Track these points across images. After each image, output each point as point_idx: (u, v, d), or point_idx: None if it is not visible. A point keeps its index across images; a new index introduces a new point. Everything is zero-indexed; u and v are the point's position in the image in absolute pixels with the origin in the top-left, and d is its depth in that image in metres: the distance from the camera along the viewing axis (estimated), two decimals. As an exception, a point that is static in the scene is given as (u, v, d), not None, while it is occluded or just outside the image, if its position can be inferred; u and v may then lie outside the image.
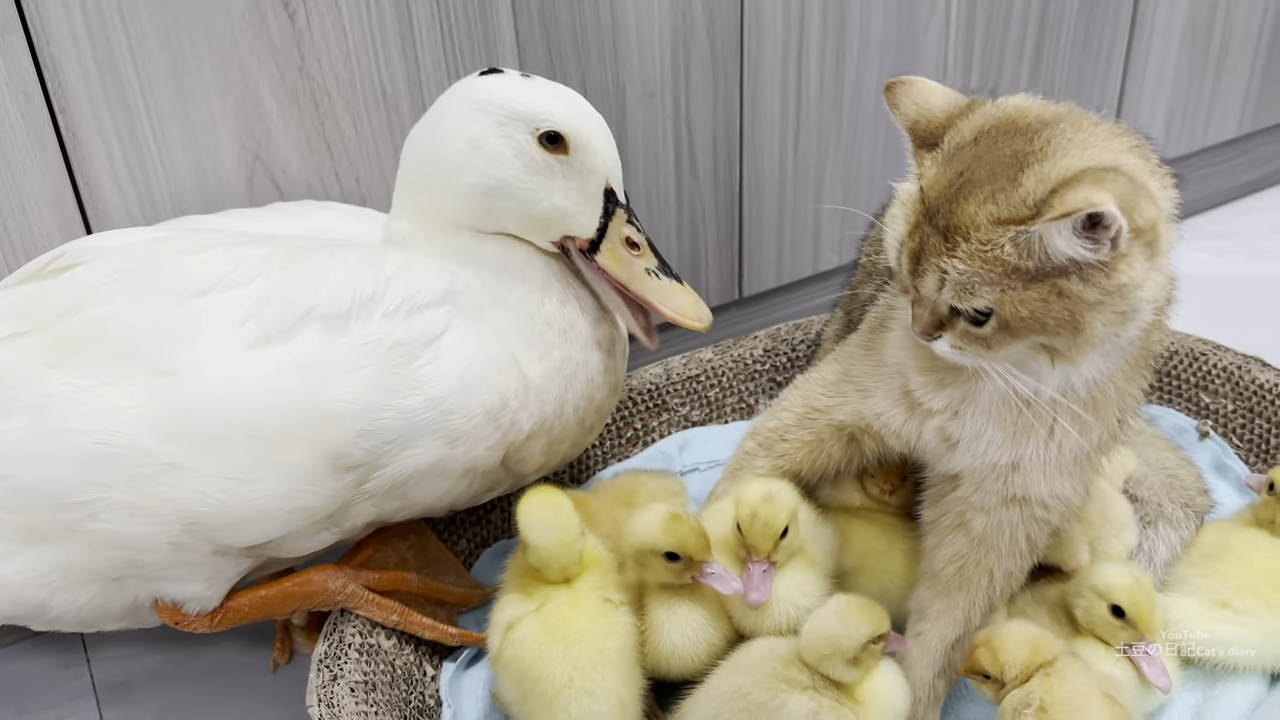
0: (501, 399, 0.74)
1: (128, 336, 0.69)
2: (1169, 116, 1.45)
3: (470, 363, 0.73)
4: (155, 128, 0.85)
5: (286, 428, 0.69)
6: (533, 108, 0.73)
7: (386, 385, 0.70)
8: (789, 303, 1.29)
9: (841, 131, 1.18)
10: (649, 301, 0.77)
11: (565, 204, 0.74)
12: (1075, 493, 0.72)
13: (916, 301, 0.64)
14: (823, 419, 0.78)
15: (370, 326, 0.70)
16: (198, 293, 0.70)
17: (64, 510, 0.69)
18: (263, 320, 0.69)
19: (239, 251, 0.72)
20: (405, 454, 0.72)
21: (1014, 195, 0.59)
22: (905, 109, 0.64)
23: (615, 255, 0.76)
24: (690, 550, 0.73)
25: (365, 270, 0.72)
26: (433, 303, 0.72)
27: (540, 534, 0.73)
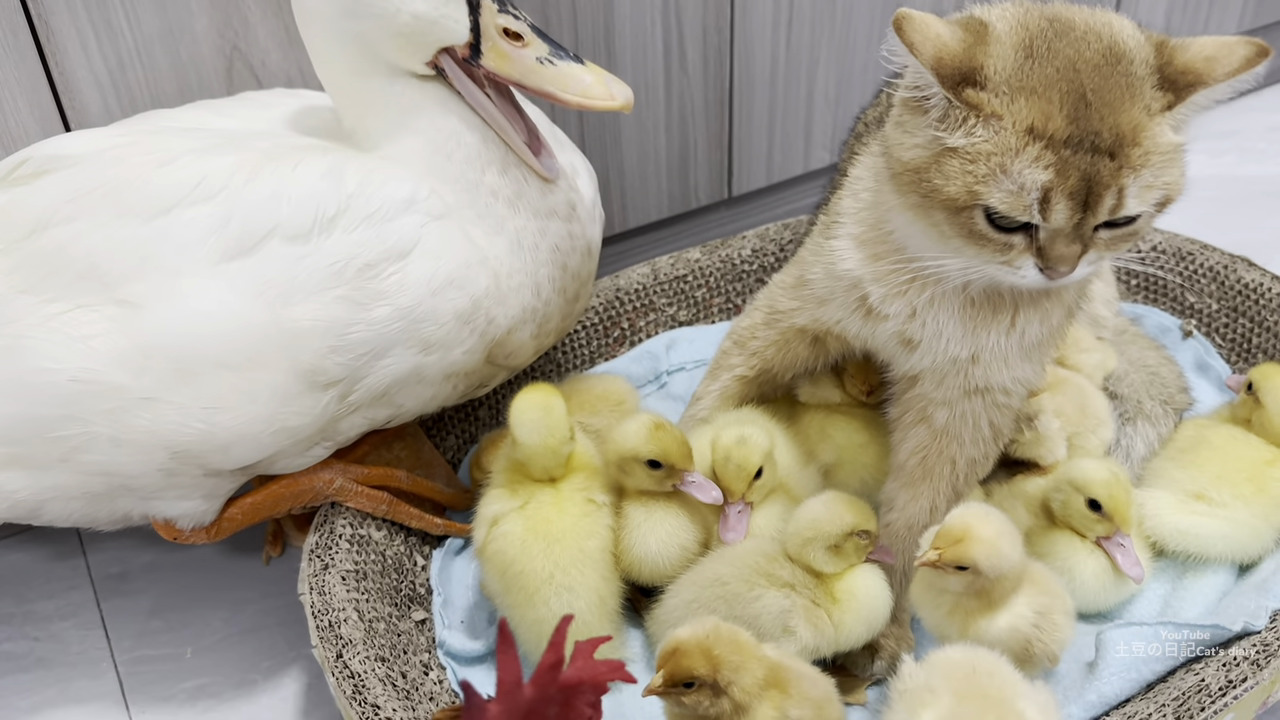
0: (473, 301, 0.73)
1: (93, 259, 0.68)
2: (1169, 10, 1.42)
3: (437, 268, 0.71)
4: (130, 17, 0.83)
5: (254, 353, 0.68)
6: None
7: (353, 299, 0.69)
8: (780, 202, 1.28)
9: (835, 22, 1.16)
10: (549, 93, 0.70)
11: (424, 9, 0.68)
12: (1036, 374, 0.73)
13: (1059, 240, 0.59)
14: (785, 321, 0.78)
15: (332, 243, 0.69)
16: (162, 210, 0.68)
17: (50, 444, 0.69)
18: (226, 238, 0.68)
19: (204, 163, 0.70)
20: (380, 365, 0.71)
21: (1145, 84, 0.58)
22: (923, 49, 0.58)
23: (499, 52, 0.69)
24: (672, 459, 0.75)
25: (327, 186, 0.70)
26: (395, 213, 0.70)
27: (528, 433, 0.73)
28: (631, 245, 1.20)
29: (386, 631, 0.75)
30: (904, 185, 0.62)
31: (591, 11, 1.01)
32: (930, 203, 0.61)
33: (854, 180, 0.72)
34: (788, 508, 0.77)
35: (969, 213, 0.59)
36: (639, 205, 1.16)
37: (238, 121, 0.78)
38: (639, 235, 1.20)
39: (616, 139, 1.10)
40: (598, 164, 1.10)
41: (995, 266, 0.61)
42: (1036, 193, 0.57)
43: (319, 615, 0.73)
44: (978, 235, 0.60)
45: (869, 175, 0.71)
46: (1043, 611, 0.69)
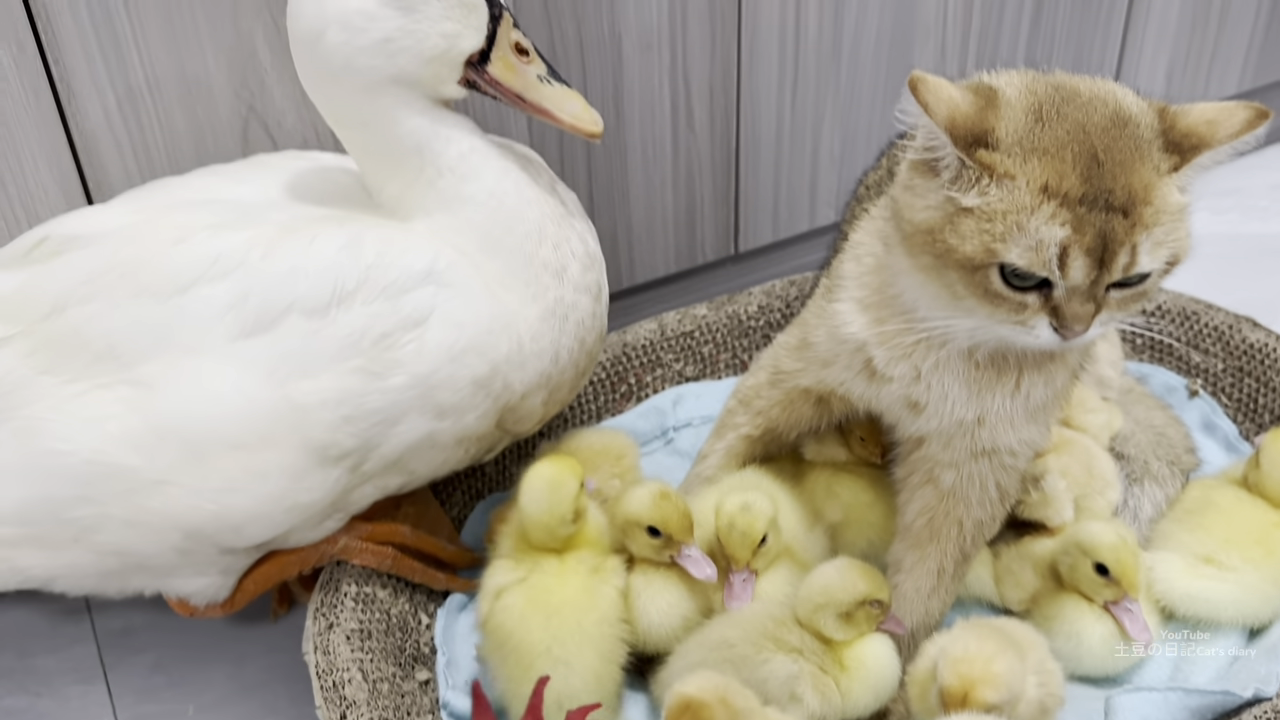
0: (492, 366, 0.73)
1: (110, 339, 0.69)
2: (1170, 71, 1.44)
3: (460, 335, 0.71)
4: (149, 78, 0.85)
5: (265, 433, 0.69)
6: None
7: (368, 369, 0.69)
8: (786, 258, 1.29)
9: (840, 83, 1.18)
10: (546, 110, 0.73)
11: (451, 26, 0.70)
12: (1041, 436, 0.74)
13: (1074, 298, 0.60)
14: (790, 381, 0.79)
15: (351, 315, 0.69)
16: (179, 289, 0.69)
17: (64, 525, 0.70)
18: (244, 315, 0.68)
19: (219, 240, 0.70)
20: (394, 431, 0.72)
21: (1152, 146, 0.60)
22: (937, 110, 0.59)
23: (507, 64, 0.72)
24: (671, 529, 0.75)
25: (345, 258, 0.69)
26: (414, 285, 0.70)
27: (533, 505, 0.74)
28: (638, 300, 1.21)
29: (390, 693, 0.74)
30: (916, 246, 0.63)
31: (601, 71, 1.03)
32: (945, 263, 0.61)
33: (856, 244, 0.73)
34: (794, 572, 0.77)
35: (985, 271, 0.60)
36: (646, 261, 1.17)
37: (251, 189, 0.79)
38: (645, 291, 1.21)
39: (624, 195, 1.11)
40: (605, 220, 1.11)
41: (1009, 327, 0.62)
42: (1055, 249, 0.58)
43: (323, 676, 0.73)
44: (993, 294, 0.61)
45: (871, 239, 0.71)
46: (1039, 669, 0.69)
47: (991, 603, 0.83)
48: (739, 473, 0.83)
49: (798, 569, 0.77)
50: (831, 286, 0.74)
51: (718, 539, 0.76)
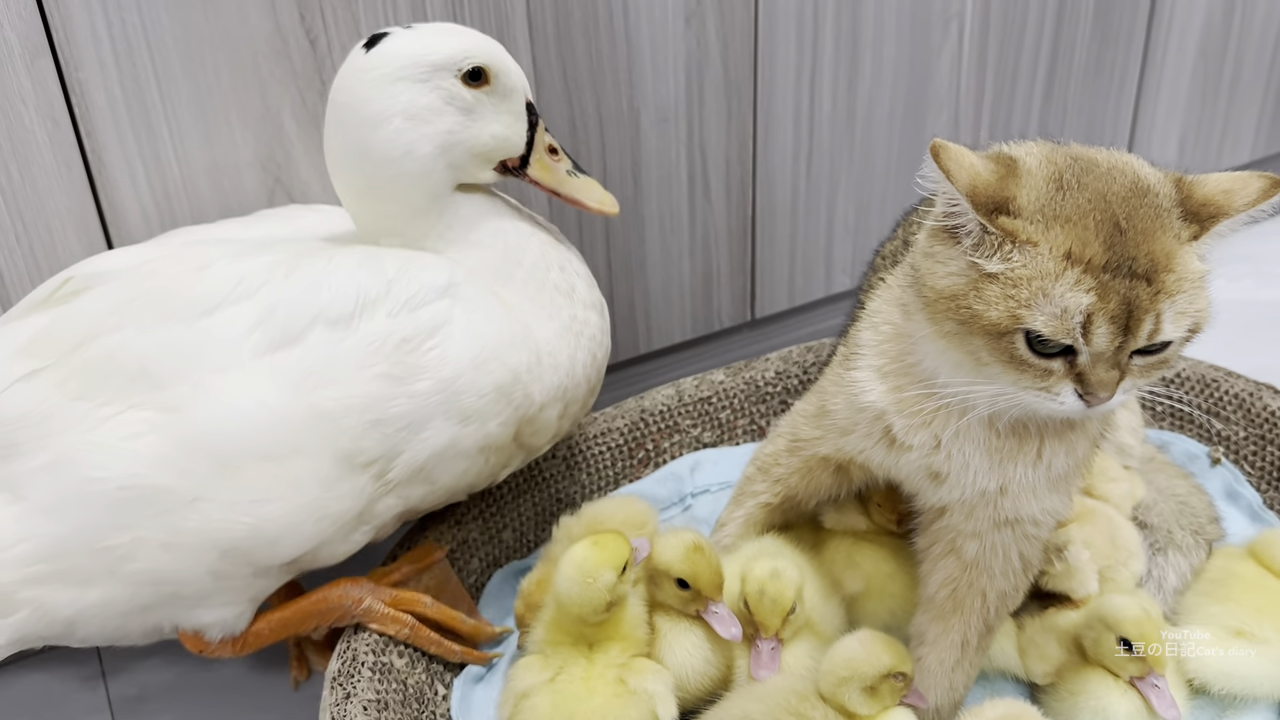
0: (514, 374, 0.75)
1: (142, 361, 0.70)
2: (1182, 141, 1.45)
3: (482, 343, 0.74)
4: (178, 151, 0.87)
5: (294, 442, 0.70)
6: (446, 53, 0.74)
7: (393, 375, 0.71)
8: (801, 324, 1.30)
9: (854, 155, 1.19)
10: (577, 200, 0.81)
11: (500, 129, 0.77)
12: (1064, 505, 0.73)
13: (1099, 365, 0.60)
14: (808, 449, 0.79)
15: (375, 324, 0.71)
16: (206, 311, 0.71)
17: (98, 555, 0.70)
18: (270, 329, 0.70)
19: (242, 264, 0.72)
20: (419, 438, 0.73)
21: (1171, 215, 0.60)
22: (958, 176, 0.60)
23: (543, 165, 0.80)
24: (700, 583, 0.74)
25: (367, 273, 0.73)
26: (435, 296, 0.73)
27: (568, 589, 0.73)
28: (655, 366, 1.22)
29: (406, 765, 0.73)
30: (939, 313, 0.63)
31: (620, 144, 1.05)
32: (969, 329, 0.61)
33: (873, 313, 0.73)
34: (814, 644, 0.76)
35: (1010, 338, 0.60)
36: (663, 327, 1.18)
37: (262, 231, 0.82)
38: (662, 356, 1.22)
39: (642, 264, 1.13)
40: (624, 287, 1.13)
41: (1033, 394, 0.62)
42: (1080, 316, 0.58)
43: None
44: (1018, 361, 0.60)
45: (890, 307, 0.72)
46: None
47: (1016, 676, 0.81)
48: (758, 540, 0.82)
49: (818, 641, 0.76)
50: (849, 354, 0.74)
51: (744, 605, 0.75)
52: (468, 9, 0.93)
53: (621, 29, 1.00)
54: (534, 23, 0.96)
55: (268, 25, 0.85)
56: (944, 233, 0.63)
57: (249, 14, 0.84)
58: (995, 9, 1.20)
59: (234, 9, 0.84)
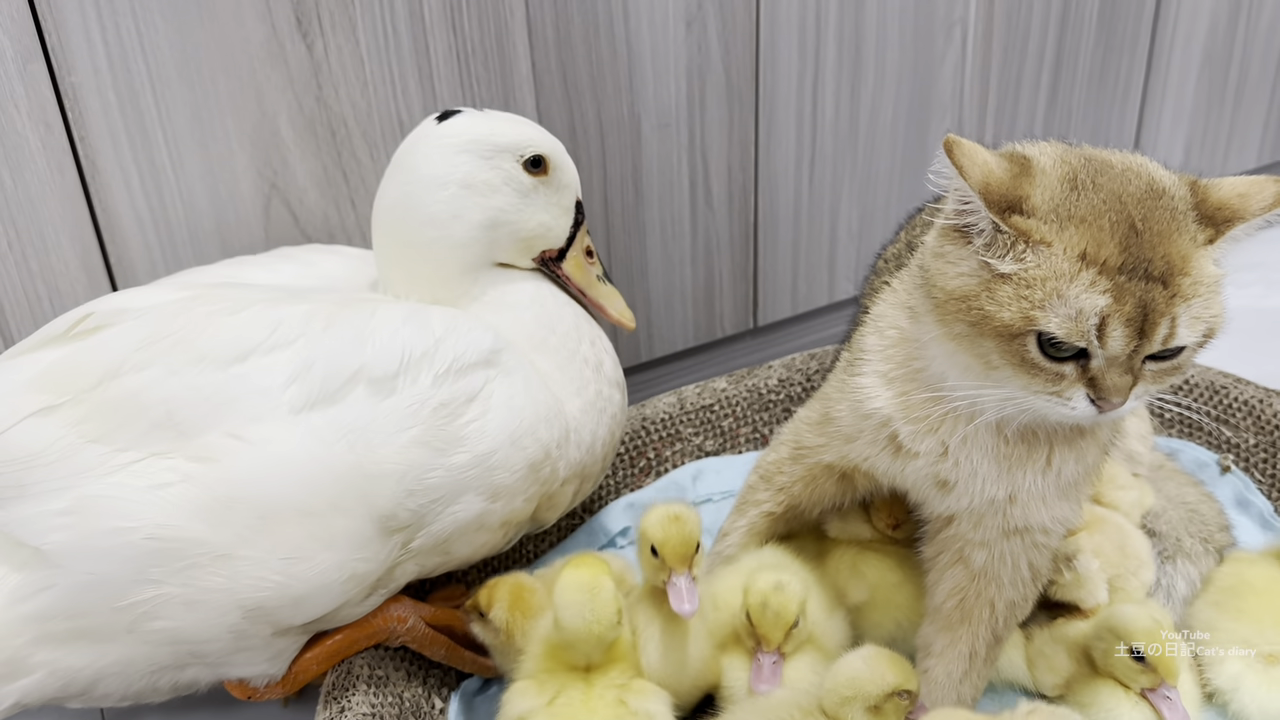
0: (545, 451, 0.75)
1: (169, 406, 0.66)
2: (1188, 147, 1.44)
3: (520, 419, 0.73)
4: (173, 156, 0.86)
5: (335, 499, 0.67)
6: (513, 137, 0.77)
7: (433, 444, 0.69)
8: (804, 332, 1.28)
9: (857, 161, 1.18)
10: (601, 306, 0.84)
11: (548, 219, 0.80)
12: (1074, 513, 0.72)
13: (1112, 369, 0.58)
14: (812, 457, 0.78)
15: (418, 388, 0.69)
16: (239, 357, 0.67)
17: (119, 613, 0.66)
18: (309, 384, 0.67)
19: (278, 311, 0.70)
20: (449, 510, 0.71)
21: (1187, 218, 0.59)
22: (971, 173, 0.58)
23: (579, 264, 0.83)
24: (666, 552, 0.73)
25: (413, 329, 0.71)
26: (480, 361, 0.72)
27: (572, 616, 0.70)
28: (657, 374, 1.20)
29: (402, 779, 0.72)
30: (950, 314, 0.61)
31: (620, 150, 1.04)
32: (980, 331, 0.60)
33: (878, 317, 0.72)
34: (816, 658, 0.74)
35: (1022, 340, 0.59)
36: (665, 335, 1.17)
37: (286, 276, 0.81)
38: (664, 364, 1.20)
39: (643, 271, 1.12)
40: (625, 294, 1.11)
41: (1045, 398, 0.60)
42: (1094, 318, 0.57)
43: (333, 761, 0.70)
44: (1029, 364, 0.59)
45: (895, 311, 0.70)
46: None
47: (1024, 687, 0.80)
48: (760, 551, 0.81)
49: (821, 655, 0.75)
50: (853, 360, 0.73)
51: (747, 618, 0.73)
52: (467, 17, 0.92)
53: (622, 34, 0.99)
54: (533, 28, 0.95)
55: (264, 30, 0.85)
56: (955, 232, 0.61)
57: (245, 19, 0.84)
58: (999, 14, 1.20)
59: (230, 14, 0.83)
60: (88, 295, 0.86)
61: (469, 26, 0.93)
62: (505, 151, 0.77)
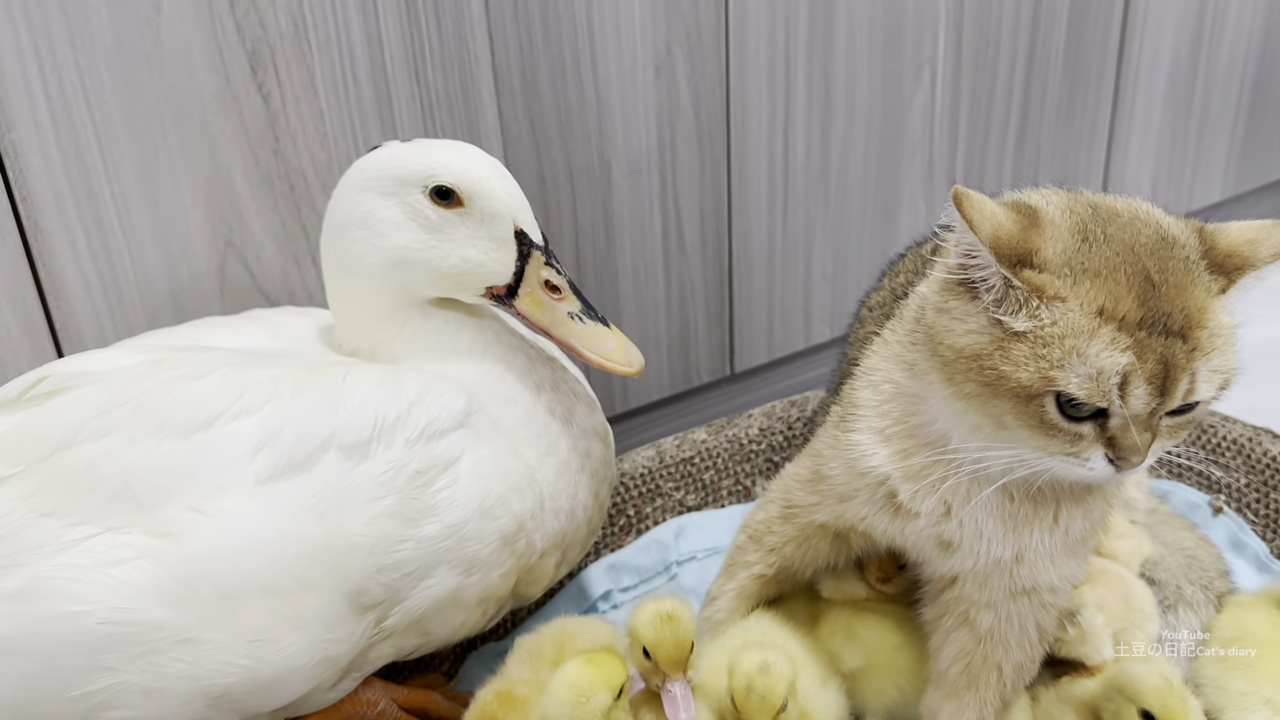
0: (519, 522, 0.70)
1: (127, 477, 0.62)
2: (1154, 182, 1.45)
3: (490, 487, 0.68)
4: (121, 214, 0.81)
5: (304, 575, 0.63)
6: (414, 168, 0.70)
7: (404, 514, 0.65)
8: (781, 377, 1.26)
9: (829, 203, 1.16)
10: (573, 346, 0.72)
11: (475, 254, 0.71)
12: (1081, 570, 0.69)
13: (1133, 427, 0.56)
14: (804, 516, 0.74)
15: (391, 454, 0.65)
16: (203, 425, 0.63)
17: (71, 704, 0.60)
18: (276, 453, 0.63)
19: (244, 375, 0.66)
20: (422, 585, 0.66)
21: (1199, 267, 0.57)
22: (981, 226, 0.56)
23: (535, 300, 0.72)
24: (659, 655, 0.69)
25: (386, 393, 0.67)
26: (453, 426, 0.68)
27: (557, 707, 0.66)
28: (633, 425, 1.17)
29: None
30: (959, 373, 0.58)
31: (590, 197, 1.01)
32: (994, 391, 0.57)
33: (871, 370, 0.69)
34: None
35: (1039, 400, 0.56)
36: (640, 384, 1.13)
37: (253, 339, 0.76)
38: (641, 414, 1.17)
39: (617, 319, 1.08)
40: (597, 346, 1.08)
41: (1061, 459, 0.57)
42: (1116, 377, 0.54)
43: None
44: (1047, 425, 0.56)
45: (889, 364, 0.68)
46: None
47: (1032, 750, 0.76)
48: (750, 619, 0.77)
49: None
50: (845, 415, 0.69)
51: (731, 701, 0.69)
52: (430, 64, 0.89)
53: (590, 80, 0.97)
54: (499, 75, 0.92)
55: (216, 81, 0.81)
56: (959, 286, 0.58)
57: (196, 69, 0.80)
58: (967, 54, 1.19)
59: (180, 64, 0.79)
60: (31, 363, 0.81)
61: (433, 74, 0.89)
62: (405, 184, 0.70)
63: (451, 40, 0.89)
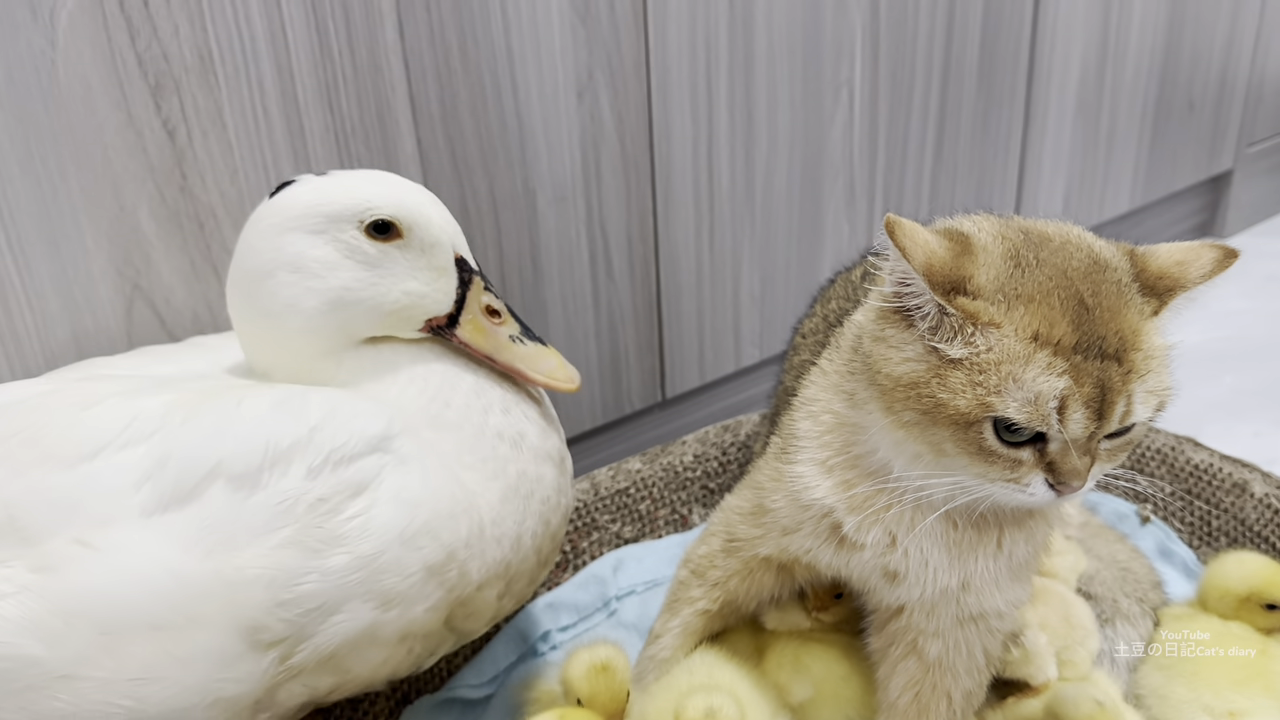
0: (448, 552, 0.65)
1: (10, 511, 0.59)
2: (1067, 194, 1.48)
3: (413, 515, 0.63)
4: (19, 260, 0.77)
5: (191, 612, 0.59)
6: (347, 202, 0.66)
7: (306, 545, 0.61)
8: (712, 400, 1.25)
9: (755, 225, 1.16)
10: (519, 370, 0.71)
11: (416, 286, 0.68)
12: (1026, 593, 0.69)
13: (1071, 451, 0.55)
14: (748, 550, 0.73)
15: (287, 483, 0.61)
16: (87, 455, 0.60)
17: None
18: (160, 484, 0.60)
19: (135, 403, 0.62)
20: (331, 621, 0.62)
21: (1132, 290, 0.57)
22: (914, 254, 0.55)
23: (477, 326, 0.70)
24: (595, 708, 0.68)
25: (283, 418, 0.62)
26: (366, 450, 0.63)
27: None
28: (564, 456, 1.15)
29: None
30: (897, 402, 0.58)
31: (515, 226, 0.99)
32: (932, 419, 0.56)
33: (810, 400, 0.68)
34: None
35: (978, 427, 0.55)
36: (572, 415, 1.11)
37: (179, 366, 0.72)
38: (574, 444, 1.15)
39: (545, 350, 1.06)
40: (526, 377, 1.06)
41: (1001, 485, 0.57)
42: (1054, 402, 0.54)
43: None
44: (986, 451, 0.56)
45: (829, 394, 0.67)
46: None
47: (980, 773, 0.76)
48: (694, 657, 0.75)
49: None
50: (785, 447, 0.68)
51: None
52: (344, 95, 0.86)
53: (511, 107, 0.95)
54: (417, 104, 0.90)
55: (119, 116, 0.77)
56: (895, 314, 0.58)
57: (97, 104, 0.76)
58: (884, 74, 1.20)
59: (78, 100, 0.75)
60: (-79, 421, 0.76)
61: (347, 105, 0.86)
62: (339, 221, 0.66)
63: (366, 69, 0.86)
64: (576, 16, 0.96)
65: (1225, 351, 1.43)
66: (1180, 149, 1.59)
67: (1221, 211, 1.76)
